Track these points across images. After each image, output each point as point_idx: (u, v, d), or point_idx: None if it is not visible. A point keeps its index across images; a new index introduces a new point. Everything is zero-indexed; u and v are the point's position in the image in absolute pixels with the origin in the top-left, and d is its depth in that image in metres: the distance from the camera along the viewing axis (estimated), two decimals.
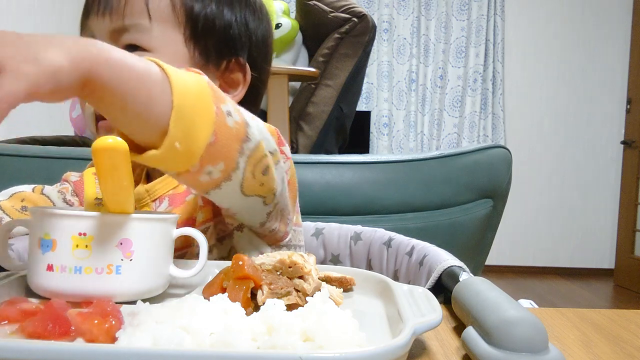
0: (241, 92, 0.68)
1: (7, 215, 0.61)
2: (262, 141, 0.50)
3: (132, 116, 0.41)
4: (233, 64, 0.67)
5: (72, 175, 0.73)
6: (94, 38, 0.61)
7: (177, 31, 0.62)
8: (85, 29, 0.63)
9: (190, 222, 0.60)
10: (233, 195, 0.51)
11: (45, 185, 0.69)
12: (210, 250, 0.60)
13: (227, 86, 0.67)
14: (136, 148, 0.43)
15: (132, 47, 0.60)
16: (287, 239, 0.64)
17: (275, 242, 0.63)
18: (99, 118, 0.62)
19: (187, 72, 0.46)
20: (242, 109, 0.50)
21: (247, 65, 0.67)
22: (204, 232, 0.59)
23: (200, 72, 0.47)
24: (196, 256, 0.46)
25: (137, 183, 0.67)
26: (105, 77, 0.39)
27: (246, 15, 0.67)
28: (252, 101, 0.70)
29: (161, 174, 0.64)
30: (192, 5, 0.62)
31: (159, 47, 0.61)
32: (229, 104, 0.47)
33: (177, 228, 0.45)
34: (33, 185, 0.68)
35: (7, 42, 0.34)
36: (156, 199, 0.63)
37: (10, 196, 0.65)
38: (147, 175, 0.68)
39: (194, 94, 0.43)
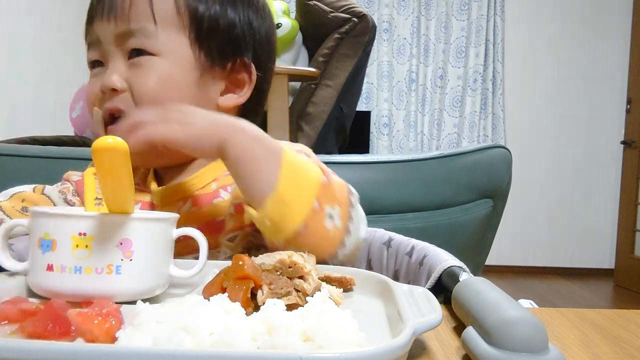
0: (247, 92, 0.68)
1: (8, 216, 0.61)
2: (357, 248, 0.57)
3: (245, 185, 0.52)
4: (238, 65, 0.66)
5: (74, 175, 0.72)
6: (99, 42, 0.62)
7: (182, 34, 0.62)
8: (90, 34, 0.63)
9: (214, 225, 0.61)
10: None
11: (46, 186, 0.68)
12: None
13: (233, 87, 0.67)
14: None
15: (137, 52, 0.61)
16: None
17: None
18: (107, 123, 0.62)
19: (309, 162, 0.54)
20: (359, 218, 0.57)
21: (252, 65, 0.67)
22: (232, 239, 0.61)
23: (325, 169, 0.56)
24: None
25: (142, 182, 0.67)
26: (233, 152, 0.51)
27: (249, 14, 0.67)
28: (257, 101, 0.70)
29: (173, 174, 0.65)
30: (196, 7, 0.62)
31: (164, 51, 0.61)
32: (338, 210, 0.53)
33: (203, 230, 0.46)
34: (33, 186, 0.68)
35: (176, 109, 0.51)
36: (180, 199, 0.62)
37: (11, 197, 0.64)
38: (156, 174, 0.68)
39: (299, 185, 0.52)
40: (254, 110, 0.72)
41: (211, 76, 0.65)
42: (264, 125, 1.94)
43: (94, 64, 0.64)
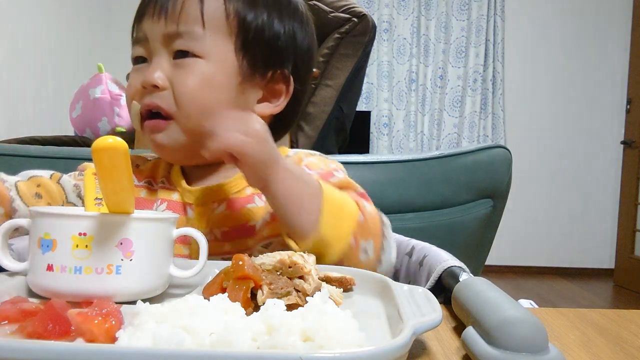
0: (283, 102, 0.68)
1: (21, 199, 0.60)
2: (387, 272, 0.58)
3: (287, 218, 0.54)
4: (278, 75, 0.67)
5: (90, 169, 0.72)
6: (146, 40, 0.63)
7: (229, 40, 0.63)
8: (138, 30, 0.64)
9: (245, 229, 0.62)
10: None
11: (63, 175, 0.67)
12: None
13: (270, 96, 0.68)
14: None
15: (183, 53, 0.62)
16: None
17: None
18: (144, 117, 0.63)
19: (346, 197, 0.57)
20: (390, 247, 0.60)
21: (291, 77, 0.68)
22: (267, 246, 0.62)
23: (360, 201, 0.58)
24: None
25: (167, 180, 0.68)
26: (279, 182, 0.52)
27: (294, 26, 0.67)
28: (292, 112, 0.71)
29: (202, 174, 0.66)
30: (245, 15, 0.63)
31: (210, 55, 0.62)
32: (372, 243, 0.56)
33: (234, 233, 0.47)
34: (51, 172, 0.67)
35: (228, 117, 0.51)
36: (216, 201, 0.63)
37: (28, 179, 0.64)
38: (183, 171, 0.68)
39: (338, 223, 0.54)
40: (287, 121, 0.72)
41: (251, 84, 0.65)
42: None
43: (138, 60, 0.65)
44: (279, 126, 0.70)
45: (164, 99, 0.61)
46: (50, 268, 0.39)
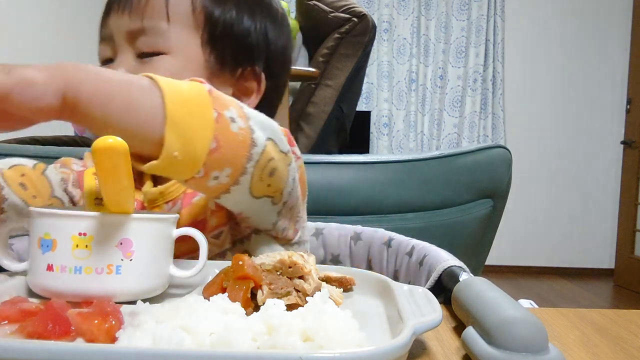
0: (254, 101, 0.67)
1: (8, 186, 0.58)
2: (269, 145, 0.50)
3: (125, 131, 0.41)
4: (248, 72, 0.66)
5: (75, 164, 0.68)
6: (111, 38, 0.61)
7: (195, 34, 0.62)
8: (104, 27, 0.63)
9: (197, 224, 0.60)
10: (243, 199, 0.51)
11: (48, 166, 0.64)
12: (224, 255, 0.61)
13: (240, 94, 0.67)
14: (138, 157, 0.44)
15: (148, 54, 0.60)
16: (297, 237, 0.64)
17: (287, 241, 0.63)
18: None
19: (184, 81, 0.46)
20: (252, 113, 0.50)
21: (263, 74, 0.67)
22: (218, 236, 0.59)
23: (203, 80, 0.48)
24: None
25: (140, 182, 0.66)
26: (85, 93, 0.39)
27: (266, 24, 0.66)
28: (265, 112, 0.71)
29: None
30: (212, 10, 0.62)
31: (175, 50, 0.61)
32: (234, 109, 0.47)
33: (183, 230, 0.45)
34: (34, 162, 0.63)
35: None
36: (169, 201, 0.62)
37: (10, 167, 0.61)
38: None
39: (189, 102, 0.43)
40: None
41: (219, 80, 0.64)
42: None
43: (105, 62, 0.63)
44: None
45: None
46: (50, 268, 0.39)
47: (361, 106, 3.91)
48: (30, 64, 0.39)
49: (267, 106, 0.70)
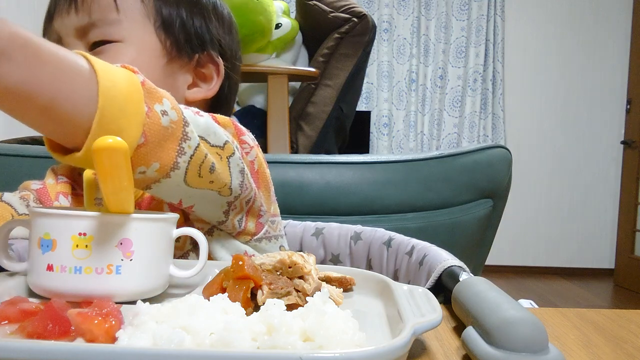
0: (215, 85, 0.68)
1: None
2: (205, 138, 0.49)
3: (49, 114, 0.38)
4: (205, 58, 0.67)
5: (33, 184, 0.66)
6: (59, 41, 0.59)
7: (147, 22, 0.61)
8: (50, 33, 0.61)
9: None
10: (177, 190, 0.49)
11: (4, 192, 0.62)
12: (186, 256, 0.60)
13: (200, 80, 0.67)
14: (59, 148, 0.42)
15: (99, 43, 0.59)
16: (262, 232, 0.63)
17: (249, 236, 0.62)
18: None
19: (119, 68, 0.43)
20: (182, 107, 0.48)
21: (220, 59, 0.67)
22: (177, 239, 0.57)
23: (136, 69, 0.45)
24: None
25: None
26: (16, 60, 0.34)
27: (214, 21, 0.67)
28: (227, 95, 0.71)
29: None
30: (160, 7, 0.62)
31: (128, 38, 0.60)
32: (166, 102, 0.45)
33: None
34: None
35: None
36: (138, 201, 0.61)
37: None
38: None
39: (123, 95, 0.40)
40: (224, 105, 0.71)
41: (178, 65, 0.64)
42: (264, 126, 1.94)
43: None
44: (217, 110, 0.68)
45: None
46: (50, 268, 0.39)
47: (361, 106, 3.92)
48: None
49: (230, 87, 0.71)
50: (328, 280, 0.47)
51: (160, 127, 0.44)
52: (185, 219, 0.59)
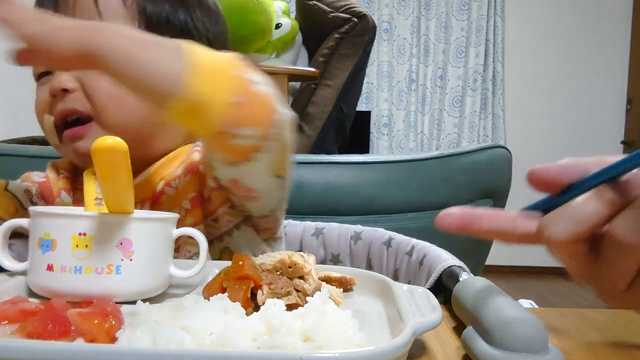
0: None
1: None
2: (289, 121, 0.51)
3: (145, 78, 0.43)
4: None
5: (35, 175, 0.65)
6: None
7: (132, 25, 0.60)
8: None
9: None
10: (263, 174, 0.52)
11: (10, 181, 0.62)
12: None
13: None
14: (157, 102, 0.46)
15: None
16: (279, 231, 0.64)
17: (271, 235, 0.63)
18: (60, 128, 0.58)
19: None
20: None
21: None
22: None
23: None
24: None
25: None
26: (107, 46, 0.42)
27: (202, 13, 0.66)
28: None
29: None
30: (144, 6, 0.61)
31: None
32: (259, 77, 0.48)
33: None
34: None
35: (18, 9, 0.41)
36: (138, 202, 0.59)
37: None
38: None
39: (215, 57, 0.46)
40: None
41: None
42: None
43: (42, 75, 0.60)
44: None
45: (77, 102, 0.57)
46: (50, 268, 0.39)
47: (361, 106, 3.91)
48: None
49: None
50: (328, 280, 0.47)
51: (254, 92, 0.47)
52: (205, 216, 0.59)
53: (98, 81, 0.57)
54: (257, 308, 0.37)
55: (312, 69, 1.88)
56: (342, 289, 0.46)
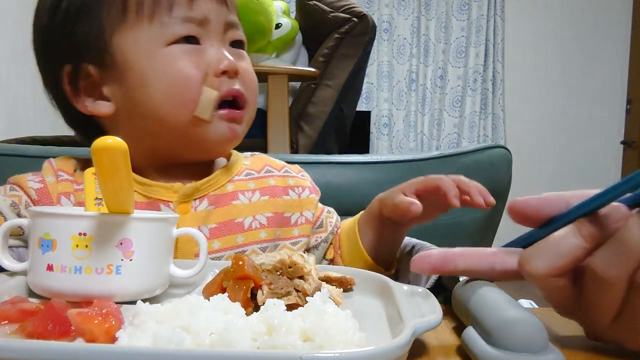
0: None
1: None
2: None
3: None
4: None
5: (30, 180, 0.60)
6: (207, 22, 0.59)
7: None
8: (194, 9, 0.58)
9: (233, 225, 0.61)
10: None
11: None
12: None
13: None
14: None
15: (237, 42, 0.63)
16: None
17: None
18: (218, 106, 0.59)
19: None
20: None
21: None
22: (263, 250, 0.62)
23: None
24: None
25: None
26: None
27: None
28: None
29: (204, 174, 0.63)
30: None
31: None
32: None
33: (221, 228, 0.44)
34: None
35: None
36: (197, 198, 0.61)
37: None
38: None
39: None
40: None
41: None
42: (264, 125, 1.94)
43: (187, 39, 0.59)
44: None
45: (242, 86, 0.60)
46: (50, 268, 0.39)
47: (361, 106, 3.91)
48: None
49: None
50: (328, 280, 0.47)
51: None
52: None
53: (252, 75, 0.63)
54: (257, 308, 0.37)
55: (312, 69, 1.88)
56: (342, 289, 0.46)
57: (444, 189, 0.53)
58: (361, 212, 0.65)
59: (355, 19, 1.89)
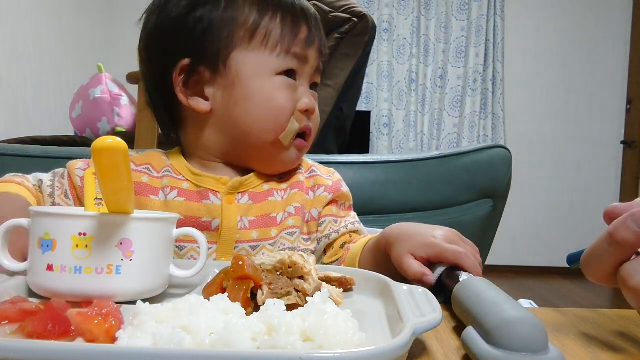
0: None
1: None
2: None
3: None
4: None
5: (79, 168, 0.66)
6: (306, 62, 0.70)
7: None
8: (302, 48, 0.69)
9: (269, 219, 0.68)
10: None
11: (40, 178, 0.66)
12: (294, 249, 0.68)
13: None
14: None
15: (315, 85, 0.75)
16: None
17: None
18: (294, 136, 0.69)
19: None
20: None
21: None
22: (292, 234, 0.69)
23: None
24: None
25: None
26: None
27: None
28: None
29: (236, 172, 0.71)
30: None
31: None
32: None
33: (258, 221, 0.44)
34: (49, 175, 0.67)
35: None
36: (240, 192, 0.68)
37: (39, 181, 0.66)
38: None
39: None
40: None
41: None
42: None
43: (288, 73, 0.68)
44: None
45: (311, 124, 0.73)
46: (50, 268, 0.39)
47: (361, 106, 3.91)
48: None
49: None
50: (328, 280, 0.47)
51: None
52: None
53: (318, 116, 0.75)
54: (257, 308, 0.37)
55: None
56: (342, 289, 0.46)
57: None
58: (368, 238, 0.68)
59: (355, 19, 1.89)
